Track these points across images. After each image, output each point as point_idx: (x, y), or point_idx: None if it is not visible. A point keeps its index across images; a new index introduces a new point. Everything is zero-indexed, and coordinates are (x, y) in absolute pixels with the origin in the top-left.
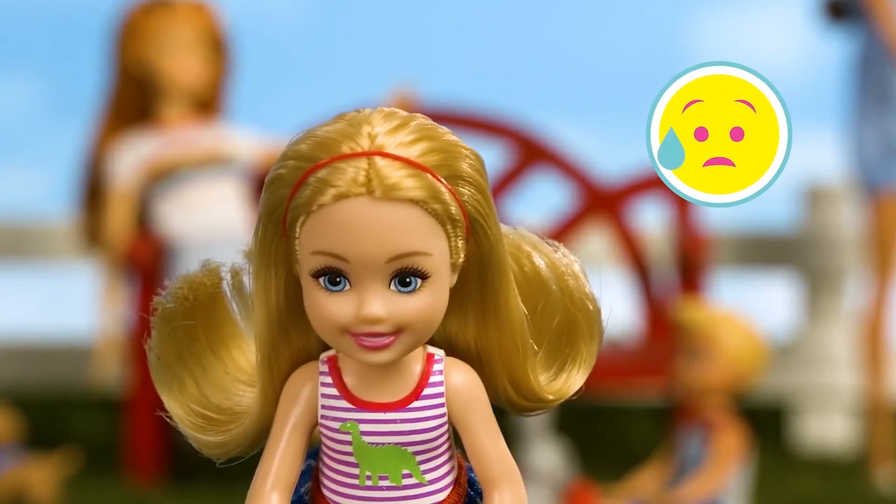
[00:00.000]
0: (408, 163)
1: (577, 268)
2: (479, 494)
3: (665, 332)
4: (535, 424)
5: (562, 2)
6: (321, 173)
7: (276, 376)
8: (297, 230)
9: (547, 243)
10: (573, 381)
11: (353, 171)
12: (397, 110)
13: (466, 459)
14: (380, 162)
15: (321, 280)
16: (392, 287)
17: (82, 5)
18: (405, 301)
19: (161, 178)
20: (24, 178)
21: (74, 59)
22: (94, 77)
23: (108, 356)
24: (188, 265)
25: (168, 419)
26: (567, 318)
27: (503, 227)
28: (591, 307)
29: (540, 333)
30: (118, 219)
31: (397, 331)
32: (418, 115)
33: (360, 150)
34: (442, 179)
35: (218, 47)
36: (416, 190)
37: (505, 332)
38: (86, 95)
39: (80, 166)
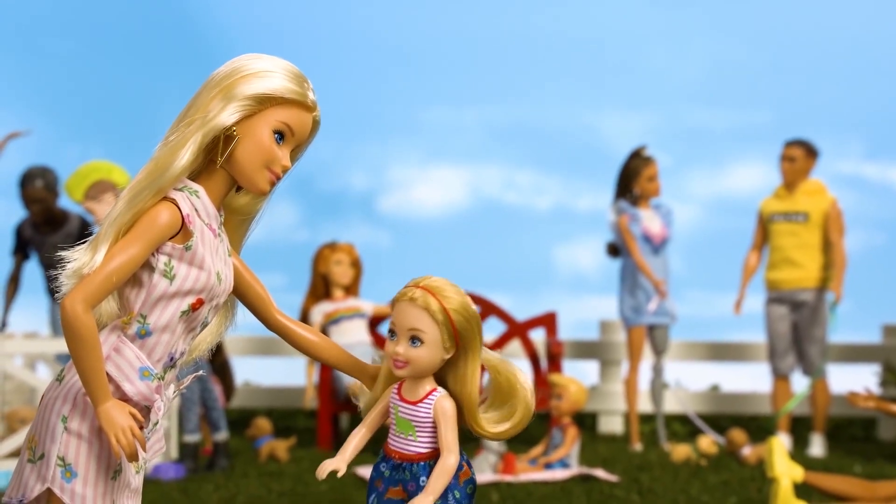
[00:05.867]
0: (432, 294)
1: (522, 375)
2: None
3: (546, 386)
4: None
5: None
6: (402, 291)
7: (381, 390)
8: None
9: (503, 361)
10: (503, 431)
11: (411, 292)
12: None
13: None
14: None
15: (390, 336)
16: (409, 342)
17: None
18: (412, 349)
19: (329, 320)
20: None
21: None
22: None
23: None
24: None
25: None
26: (514, 402)
27: (491, 353)
28: (529, 398)
29: (499, 405)
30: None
31: (406, 362)
32: (451, 282)
33: (418, 286)
34: (446, 307)
35: (357, 263)
36: (428, 304)
37: (470, 392)
38: None
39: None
